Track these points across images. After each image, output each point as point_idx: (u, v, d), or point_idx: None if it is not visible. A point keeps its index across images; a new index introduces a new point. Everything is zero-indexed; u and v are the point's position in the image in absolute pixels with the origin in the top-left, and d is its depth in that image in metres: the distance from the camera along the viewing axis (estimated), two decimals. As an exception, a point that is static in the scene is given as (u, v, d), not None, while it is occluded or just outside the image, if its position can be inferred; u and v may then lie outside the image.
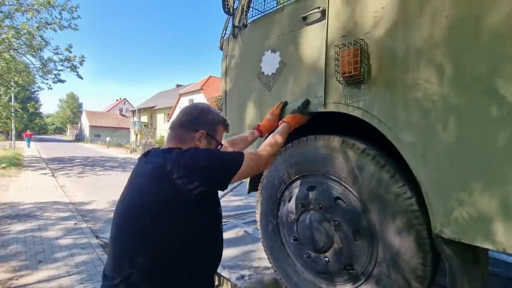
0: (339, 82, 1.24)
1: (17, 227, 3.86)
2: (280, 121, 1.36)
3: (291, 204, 1.52)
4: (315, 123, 1.45)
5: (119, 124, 47.20)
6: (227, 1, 1.93)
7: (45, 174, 9.40)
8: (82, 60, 12.68)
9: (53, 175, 9.20)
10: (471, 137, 0.90)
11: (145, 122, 31.61)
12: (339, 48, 1.20)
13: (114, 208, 0.92)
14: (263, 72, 1.73)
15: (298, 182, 1.53)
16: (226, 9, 1.95)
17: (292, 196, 1.53)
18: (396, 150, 1.10)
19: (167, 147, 0.95)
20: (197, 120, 0.99)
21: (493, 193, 0.87)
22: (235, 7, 2.03)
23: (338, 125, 1.46)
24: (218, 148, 1.03)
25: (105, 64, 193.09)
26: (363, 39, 1.15)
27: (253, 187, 1.88)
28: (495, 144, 0.86)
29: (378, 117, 1.14)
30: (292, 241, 1.53)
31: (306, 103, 1.43)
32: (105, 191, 7.67)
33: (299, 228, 1.48)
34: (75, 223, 4.27)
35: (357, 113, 1.22)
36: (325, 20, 1.33)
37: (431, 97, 0.99)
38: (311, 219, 1.39)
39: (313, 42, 1.41)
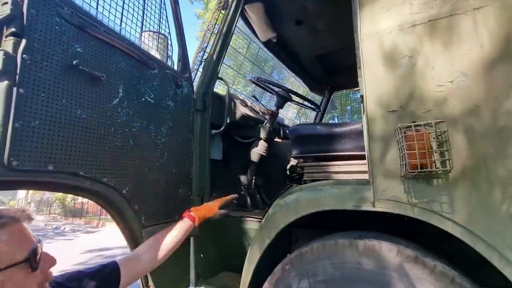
0: (402, 176, 0.89)
1: None
2: (185, 212, 1.25)
3: None
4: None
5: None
6: None
7: None
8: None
9: None
10: None
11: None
12: (402, 130, 0.87)
13: None
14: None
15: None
16: None
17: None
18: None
19: None
20: None
21: None
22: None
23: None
24: None
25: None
26: (441, 120, 0.85)
27: None
28: None
29: (468, 228, 0.80)
30: None
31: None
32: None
33: None
34: None
35: (428, 218, 0.87)
36: (362, 84, 1.02)
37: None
38: None
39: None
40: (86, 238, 10.03)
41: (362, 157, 1.33)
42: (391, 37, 0.99)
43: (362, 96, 1.03)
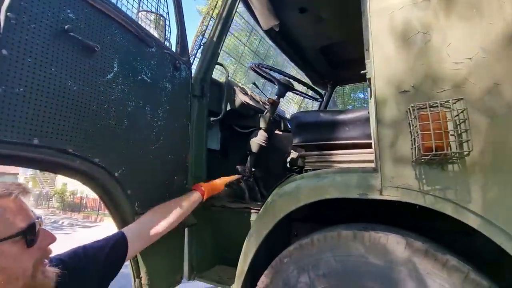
0: (413, 162, 0.82)
1: None
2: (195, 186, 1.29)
3: None
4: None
5: (3, 169, 38.00)
6: None
7: None
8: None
9: None
10: None
11: (41, 167, 26.07)
12: (415, 110, 0.80)
13: None
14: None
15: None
16: None
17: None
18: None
19: None
20: None
21: None
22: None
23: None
24: None
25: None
26: (460, 98, 0.77)
27: None
28: None
29: (487, 218, 0.73)
30: None
31: None
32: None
33: None
34: None
35: (441, 207, 0.79)
36: (370, 65, 0.94)
37: None
38: None
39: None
40: (83, 232, 9.97)
41: (367, 146, 1.25)
42: (403, 13, 0.91)
43: (369, 79, 0.96)
